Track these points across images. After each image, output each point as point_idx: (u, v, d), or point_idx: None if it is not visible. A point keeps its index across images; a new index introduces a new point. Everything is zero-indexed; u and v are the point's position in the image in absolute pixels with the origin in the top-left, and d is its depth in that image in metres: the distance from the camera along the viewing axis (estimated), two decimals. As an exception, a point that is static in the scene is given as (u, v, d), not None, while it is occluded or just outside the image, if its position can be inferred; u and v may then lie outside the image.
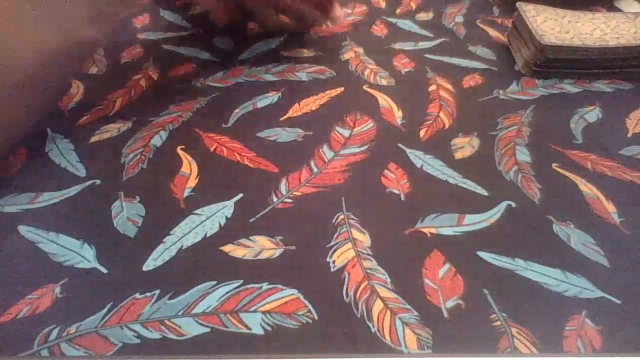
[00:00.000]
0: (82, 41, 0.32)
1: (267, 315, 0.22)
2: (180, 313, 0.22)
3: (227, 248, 0.25)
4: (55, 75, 0.31)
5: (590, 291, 0.23)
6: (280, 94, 0.39)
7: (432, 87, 0.40)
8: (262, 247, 0.25)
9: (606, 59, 0.41)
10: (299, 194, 0.29)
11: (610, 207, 0.28)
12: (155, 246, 0.25)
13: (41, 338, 0.21)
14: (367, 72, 0.42)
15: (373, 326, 0.22)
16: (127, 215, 0.27)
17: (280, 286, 0.23)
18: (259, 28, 0.49)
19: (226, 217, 0.27)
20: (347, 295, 0.23)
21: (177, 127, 0.35)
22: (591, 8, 0.54)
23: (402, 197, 0.29)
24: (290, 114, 0.37)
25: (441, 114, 0.37)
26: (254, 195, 0.29)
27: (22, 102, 0.29)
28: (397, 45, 0.47)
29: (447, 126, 0.35)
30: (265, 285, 0.23)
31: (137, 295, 0.23)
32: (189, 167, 0.31)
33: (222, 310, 0.22)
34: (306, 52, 0.46)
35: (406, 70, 0.43)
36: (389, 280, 0.24)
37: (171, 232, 0.26)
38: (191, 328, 0.21)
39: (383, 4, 0.57)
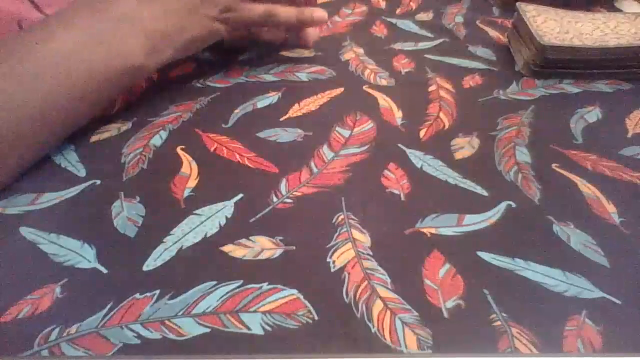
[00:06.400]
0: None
1: (267, 315, 0.22)
2: (180, 313, 0.22)
3: (227, 248, 0.25)
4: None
5: (590, 291, 0.23)
6: (280, 94, 0.39)
7: (432, 88, 0.40)
8: (262, 247, 0.25)
9: (606, 59, 0.41)
10: (299, 194, 0.29)
11: (611, 208, 0.28)
12: (155, 246, 0.25)
13: (41, 338, 0.21)
14: (367, 72, 0.42)
15: (373, 326, 0.22)
16: (127, 215, 0.27)
17: (280, 286, 0.23)
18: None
19: (226, 217, 0.27)
20: (347, 296, 0.23)
21: (177, 127, 0.35)
22: (591, 8, 0.54)
23: (402, 197, 0.29)
24: (290, 114, 0.37)
25: (441, 114, 0.37)
26: (254, 196, 0.29)
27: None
28: (397, 46, 0.47)
29: (447, 126, 0.35)
30: (265, 286, 0.23)
31: (137, 296, 0.23)
32: (189, 167, 0.31)
33: (222, 311, 0.22)
34: (306, 52, 0.46)
35: (406, 70, 0.43)
36: (389, 280, 0.24)
37: (171, 232, 0.26)
38: (191, 328, 0.21)
39: (383, 4, 0.57)
